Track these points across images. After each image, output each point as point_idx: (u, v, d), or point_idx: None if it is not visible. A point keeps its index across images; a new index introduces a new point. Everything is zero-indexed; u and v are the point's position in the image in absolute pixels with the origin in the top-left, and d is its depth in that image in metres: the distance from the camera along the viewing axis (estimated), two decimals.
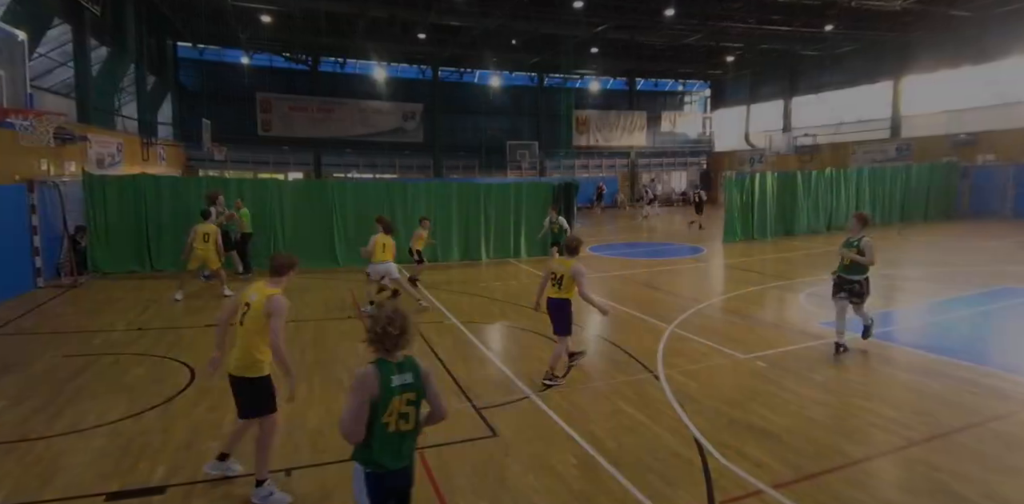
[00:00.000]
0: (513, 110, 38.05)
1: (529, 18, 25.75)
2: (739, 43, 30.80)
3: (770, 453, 5.14)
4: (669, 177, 41.88)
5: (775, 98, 36.67)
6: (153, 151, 22.69)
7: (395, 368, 3.25)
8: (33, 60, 12.96)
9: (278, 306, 4.43)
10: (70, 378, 6.98)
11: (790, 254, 17.32)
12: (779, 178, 21.32)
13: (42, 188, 12.19)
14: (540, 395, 6.53)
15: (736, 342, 8.38)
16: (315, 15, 25.37)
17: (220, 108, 30.78)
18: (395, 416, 3.18)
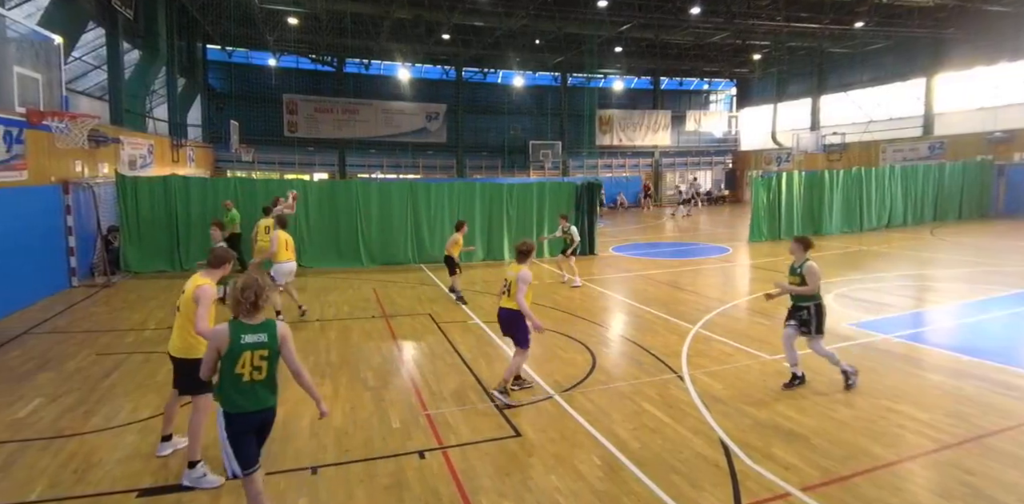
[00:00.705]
0: (536, 110, 38.00)
1: (553, 18, 25.69)
2: (766, 41, 30.38)
3: (798, 455, 5.07)
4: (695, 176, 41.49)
5: (803, 96, 36.12)
6: (183, 152, 23.10)
7: (249, 329, 3.77)
8: (68, 64, 13.27)
9: (204, 294, 4.76)
10: (103, 376, 7.14)
11: (818, 254, 16.96)
12: (806, 177, 21.01)
13: (77, 189, 12.48)
14: (564, 395, 6.52)
15: (762, 343, 8.28)
16: (341, 17, 25.60)
17: (248, 110, 31.24)
18: (248, 368, 3.75)
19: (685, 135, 41.08)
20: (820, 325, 6.69)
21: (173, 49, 22.14)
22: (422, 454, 5.18)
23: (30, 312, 10.17)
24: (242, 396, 3.76)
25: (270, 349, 3.79)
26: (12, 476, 4.77)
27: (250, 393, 3.77)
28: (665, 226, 26.45)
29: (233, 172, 30.85)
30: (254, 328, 3.78)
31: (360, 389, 6.74)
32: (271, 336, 3.80)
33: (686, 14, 24.93)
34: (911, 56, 29.45)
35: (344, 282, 13.27)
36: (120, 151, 16.26)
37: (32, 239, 10.69)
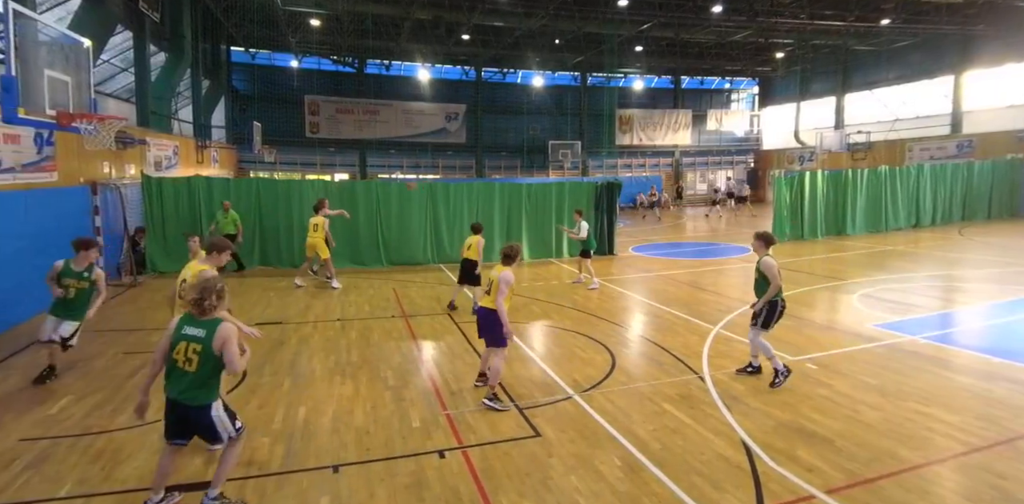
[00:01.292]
0: (555, 110, 37.91)
1: (573, 17, 25.61)
2: (789, 39, 29.97)
3: (822, 457, 5.00)
4: (715, 175, 41.12)
5: (827, 95, 35.61)
6: (207, 153, 23.43)
7: (193, 322, 4.15)
8: (97, 67, 13.53)
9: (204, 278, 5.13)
10: (129, 374, 7.26)
11: (841, 254, 16.80)
12: (830, 176, 20.73)
13: (104, 190, 12.71)
14: (583, 395, 6.50)
15: (785, 344, 8.17)
16: (362, 18, 25.80)
17: (270, 111, 31.57)
18: (182, 356, 4.10)
19: (706, 134, 40.74)
20: (767, 321, 6.78)
21: (198, 51, 22.46)
22: (442, 453, 5.19)
23: None
24: (168, 380, 4.16)
25: (203, 345, 4.08)
26: (43, 472, 4.87)
27: (176, 380, 4.12)
28: (686, 226, 26.25)
29: (256, 173, 31.20)
30: (197, 323, 4.15)
31: (380, 388, 6.78)
32: (208, 334, 4.09)
33: (708, 13, 24.72)
34: (939, 53, 28.89)
35: (364, 282, 13.36)
36: (146, 152, 16.52)
37: (62, 239, 10.82)
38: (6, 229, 9.20)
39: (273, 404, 6.27)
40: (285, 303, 11.09)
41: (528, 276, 13.97)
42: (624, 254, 17.29)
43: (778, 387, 6.52)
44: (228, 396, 6.40)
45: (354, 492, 4.59)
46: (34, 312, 9.82)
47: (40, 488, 4.63)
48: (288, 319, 9.93)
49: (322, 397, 6.49)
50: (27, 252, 9.65)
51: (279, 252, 14.73)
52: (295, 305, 11.01)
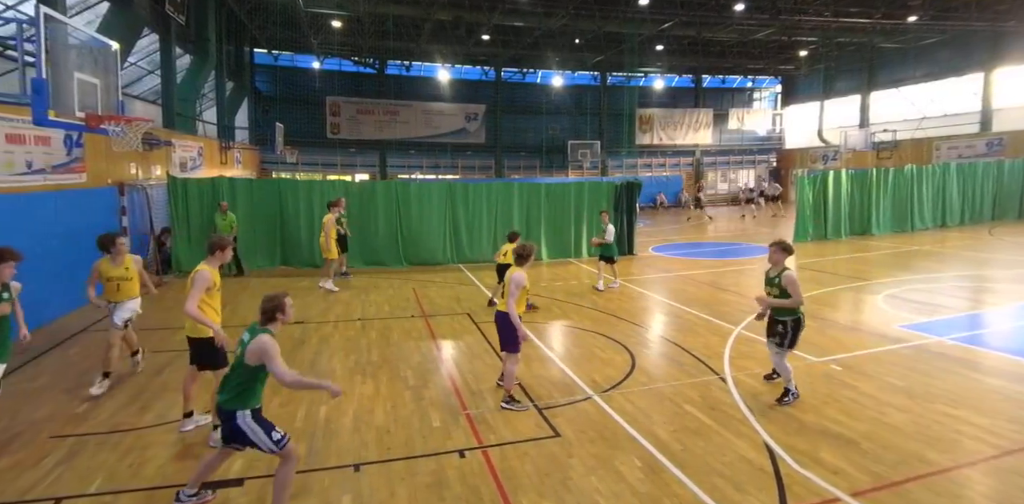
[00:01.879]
0: (575, 109, 37.83)
1: (593, 17, 25.54)
2: (813, 37, 29.59)
3: (847, 460, 4.92)
4: (736, 175, 40.72)
5: (851, 93, 35.09)
6: (230, 154, 23.76)
7: (250, 329, 4.30)
8: (124, 69, 13.77)
9: (198, 278, 5.34)
10: (156, 373, 7.37)
11: (866, 254, 16.54)
12: (854, 175, 20.42)
13: (131, 191, 12.94)
14: (603, 396, 6.47)
15: (808, 345, 8.06)
16: (383, 19, 25.97)
17: (292, 112, 31.93)
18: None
19: (727, 133, 40.38)
20: (794, 340, 6.17)
21: (222, 53, 22.78)
22: (462, 453, 5.20)
23: (89, 310, 10.54)
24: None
25: (241, 349, 4.20)
26: (74, 468, 4.96)
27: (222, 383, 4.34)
28: (707, 226, 26.03)
29: (278, 173, 31.59)
30: (251, 330, 4.28)
31: (401, 388, 6.81)
32: (248, 339, 4.19)
33: (730, 11, 24.48)
34: (968, 50, 28.31)
35: (384, 282, 13.44)
36: (171, 153, 16.78)
37: (92, 239, 11.09)
38: (37, 229, 9.39)
39: (295, 403, 6.33)
40: (306, 303, 11.19)
41: (547, 276, 13.95)
42: (644, 254, 17.19)
43: (785, 405, 6.05)
44: None
45: (375, 491, 4.62)
46: (64, 311, 10.05)
47: (71, 484, 4.72)
48: (309, 319, 10.02)
49: (343, 396, 6.53)
50: (58, 252, 9.85)
51: (300, 252, 14.86)
52: (316, 305, 11.10)
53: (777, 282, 6.10)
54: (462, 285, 12.98)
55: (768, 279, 6.26)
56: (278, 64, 32.68)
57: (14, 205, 8.79)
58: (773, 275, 6.19)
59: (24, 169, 9.24)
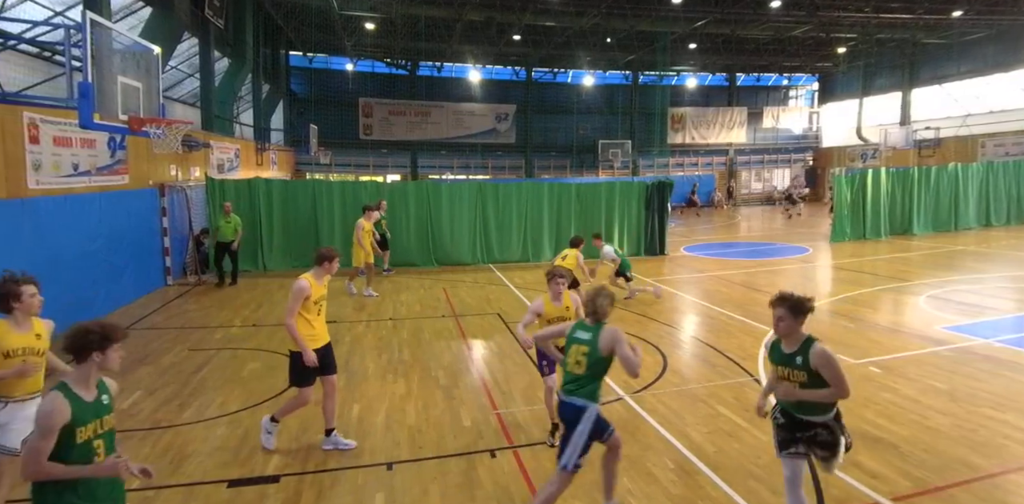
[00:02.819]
0: (606, 109, 37.58)
1: (625, 16, 25.34)
2: (852, 34, 28.81)
3: (887, 464, 4.80)
4: (771, 174, 39.99)
5: (892, 90, 34.15)
6: (266, 156, 24.19)
7: (584, 327, 4.17)
8: (165, 72, 14.12)
9: (295, 288, 5.17)
10: (195, 371, 7.52)
11: (906, 254, 16.10)
12: (895, 174, 19.90)
13: (171, 192, 13.26)
14: (634, 396, 6.42)
15: (846, 346, 7.89)
16: (415, 20, 26.19)
17: (325, 113, 32.39)
18: (572, 359, 4.11)
19: (762, 132, 39.68)
20: (848, 445, 3.79)
21: (259, 56, 23.19)
22: (493, 453, 5.21)
23: (131, 308, 10.88)
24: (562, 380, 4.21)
25: (590, 347, 4.05)
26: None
27: (565, 380, 4.14)
28: (740, 226, 25.64)
29: (312, 174, 32.08)
30: (586, 328, 4.15)
31: (432, 387, 6.85)
32: (581, 340, 4.09)
33: (766, 8, 24.07)
34: (1015, 45, 27.30)
35: (415, 281, 13.54)
36: (210, 155, 17.15)
37: (133, 240, 11.44)
38: (82, 230, 9.67)
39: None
40: (339, 302, 11.33)
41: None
42: (676, 254, 17.00)
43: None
44: (287, 392, 6.60)
45: (408, 489, 4.65)
46: (108, 310, 10.35)
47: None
48: (342, 318, 10.14)
49: (375, 395, 6.60)
50: (102, 252, 10.16)
51: None
52: (349, 304, 11.24)
53: (801, 363, 3.72)
54: (492, 285, 13.01)
55: (782, 357, 3.81)
56: (312, 66, 33.20)
57: (61, 206, 9.08)
58: (791, 352, 3.77)
59: (71, 171, 9.54)
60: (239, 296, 12.05)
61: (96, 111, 6.49)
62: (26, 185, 8.34)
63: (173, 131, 8.88)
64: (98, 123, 6.73)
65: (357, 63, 33.06)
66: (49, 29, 9.66)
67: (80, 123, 6.55)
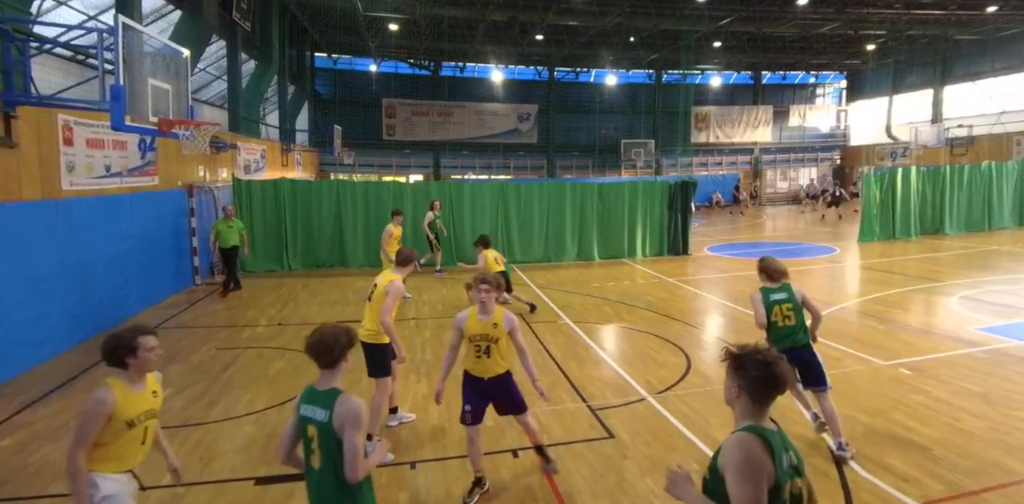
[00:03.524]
0: (629, 108, 37.41)
1: (648, 15, 25.20)
2: (882, 30, 28.29)
3: (918, 467, 4.70)
4: (797, 173, 39.40)
5: (923, 87, 33.44)
6: (291, 157, 24.49)
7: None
8: (194, 75, 14.35)
9: (394, 289, 5.39)
10: (222, 369, 7.63)
11: (938, 254, 15.76)
12: (926, 173, 19.49)
13: (199, 193, 13.46)
14: (657, 397, 6.37)
15: (875, 347, 7.74)
16: (438, 21, 26.32)
17: (349, 114, 32.72)
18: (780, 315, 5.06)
19: (788, 131, 39.16)
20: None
21: (284, 58, 23.48)
22: (515, 453, 5.21)
23: (161, 308, 11.07)
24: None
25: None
26: (149, 460, 5.14)
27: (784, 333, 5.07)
28: (765, 225, 25.31)
29: (336, 175, 32.40)
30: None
31: (454, 387, 6.83)
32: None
33: (793, 5, 23.73)
34: None
35: (439, 281, 13.60)
36: (236, 156, 17.40)
37: (163, 240, 11.65)
38: (114, 230, 9.87)
39: None
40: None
41: (600, 276, 13.83)
42: (699, 254, 16.85)
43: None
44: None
45: (431, 488, 4.67)
46: (139, 309, 10.55)
47: (146, 476, 4.85)
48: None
49: (398, 395, 6.61)
50: (132, 252, 10.36)
51: (356, 252, 15.15)
52: None
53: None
54: (514, 285, 12.96)
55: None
56: (337, 67, 33.55)
57: (94, 207, 9.28)
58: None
59: (103, 172, 9.75)
60: (265, 296, 12.19)
61: (127, 113, 6.62)
62: (60, 186, 8.55)
63: (201, 133, 9.01)
64: (129, 125, 6.87)
65: (381, 64, 33.34)
66: (83, 33, 9.89)
67: (112, 125, 6.68)
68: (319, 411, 2.80)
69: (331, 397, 2.83)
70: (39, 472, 4.95)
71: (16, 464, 5.08)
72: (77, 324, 8.52)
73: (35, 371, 7.44)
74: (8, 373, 7.16)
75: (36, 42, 8.68)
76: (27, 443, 5.49)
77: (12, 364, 7.25)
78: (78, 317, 8.56)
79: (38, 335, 7.69)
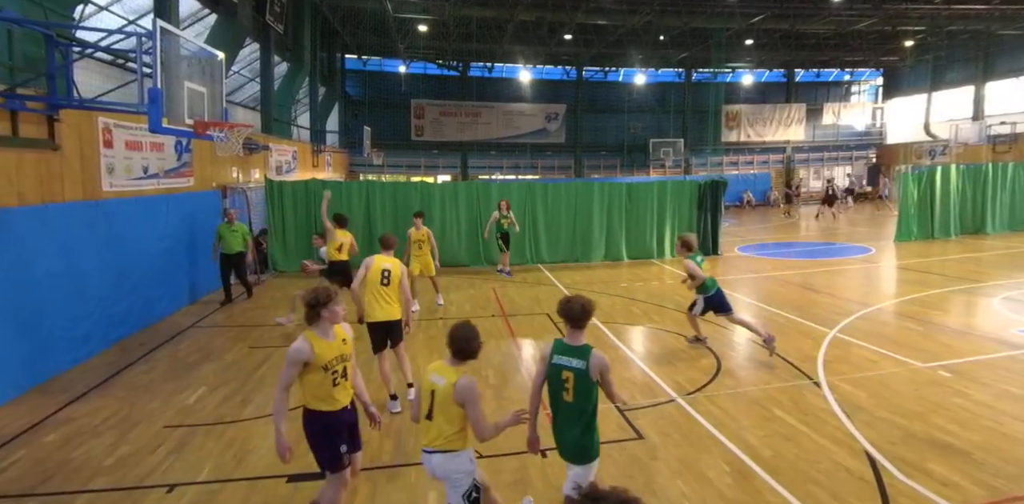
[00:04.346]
0: (658, 107, 37.06)
1: (679, 13, 24.93)
2: (921, 26, 27.51)
3: (959, 471, 4.57)
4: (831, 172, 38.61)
5: (963, 84, 32.46)
6: (321, 158, 24.82)
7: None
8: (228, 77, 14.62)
9: (405, 269, 6.33)
10: (255, 368, 7.74)
11: (979, 254, 15.30)
12: (966, 171, 18.95)
13: (233, 194, 13.72)
14: (687, 398, 6.30)
15: (913, 349, 7.55)
16: (467, 22, 26.42)
17: (378, 115, 33.03)
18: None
19: (821, 129, 38.40)
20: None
21: (316, 60, 23.81)
22: (544, 453, 5.19)
23: (195, 307, 11.29)
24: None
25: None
26: (184, 458, 5.29)
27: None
28: (800, 225, 24.86)
29: (365, 175, 32.75)
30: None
31: (482, 386, 6.80)
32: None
33: (827, 2, 23.24)
34: None
35: (466, 281, 13.63)
36: (268, 157, 17.68)
37: (199, 240, 11.87)
38: (151, 230, 10.10)
39: (382, 399, 6.51)
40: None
41: (628, 277, 13.74)
42: (729, 254, 16.62)
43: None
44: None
45: None
46: (174, 308, 10.78)
47: (183, 472, 5.02)
48: None
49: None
50: (168, 251, 10.59)
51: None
52: None
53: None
54: (541, 285, 12.98)
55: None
56: (366, 69, 33.90)
57: (133, 207, 9.52)
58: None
59: (141, 174, 10.00)
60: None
61: (164, 116, 6.77)
62: (100, 187, 8.79)
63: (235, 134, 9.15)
64: (166, 127, 7.02)
65: (410, 65, 33.58)
66: (122, 37, 10.15)
67: (150, 127, 6.83)
68: (575, 360, 3.66)
69: (586, 351, 3.66)
70: (81, 467, 5.09)
71: (59, 459, 5.23)
72: (115, 323, 8.75)
73: (77, 369, 7.65)
74: (52, 370, 7.38)
75: (78, 47, 8.94)
76: (70, 438, 5.65)
77: (56, 361, 7.47)
78: (116, 316, 8.78)
79: (80, 333, 7.91)
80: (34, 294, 7.08)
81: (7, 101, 6.76)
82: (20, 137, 7.04)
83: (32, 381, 7.00)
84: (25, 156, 7.18)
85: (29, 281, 7.00)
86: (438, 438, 3.66)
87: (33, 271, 7.07)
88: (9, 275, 6.68)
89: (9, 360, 6.67)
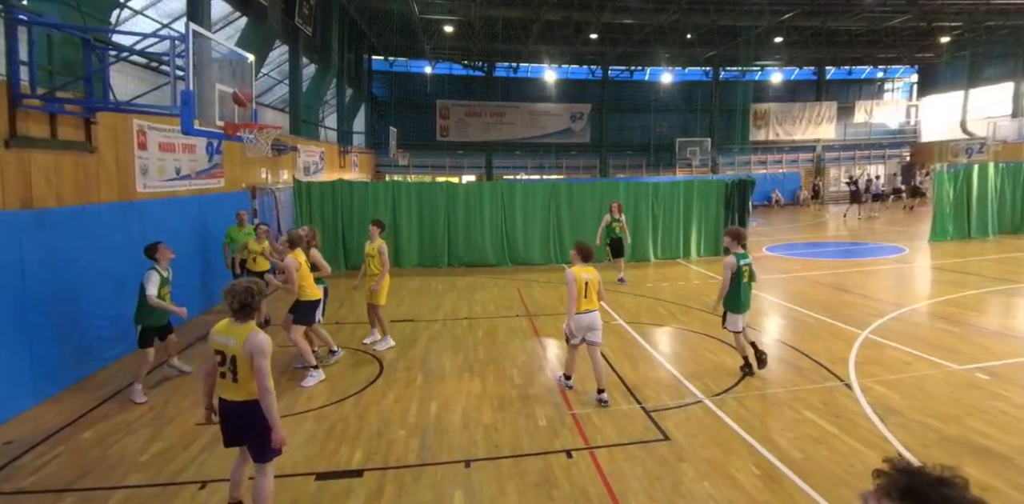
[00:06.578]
0: (684, 106, 36.70)
1: (707, 11, 24.66)
2: (958, 22, 26.81)
3: (998, 476, 4.45)
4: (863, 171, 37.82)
5: (1002, 80, 31.54)
6: (348, 158, 25.08)
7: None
8: (258, 79, 14.85)
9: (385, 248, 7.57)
10: (283, 367, 7.83)
11: (1019, 254, 14.87)
12: (1005, 169, 18.44)
13: (262, 195, 13.93)
14: (714, 400, 6.23)
15: (949, 351, 7.37)
16: (492, 22, 26.47)
17: (404, 116, 33.27)
18: None
19: (853, 127, 37.65)
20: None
21: (343, 62, 24.06)
22: (569, 453, 5.18)
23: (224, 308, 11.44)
24: None
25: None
26: (216, 454, 5.34)
27: None
28: (828, 224, 24.41)
29: (390, 176, 33.01)
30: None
31: (507, 386, 6.88)
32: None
33: None
34: None
35: (490, 281, 13.65)
36: (296, 159, 17.92)
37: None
38: (183, 231, 10.29)
39: (407, 398, 6.55)
40: (416, 301, 11.55)
41: (654, 276, 13.64)
42: (758, 254, 16.38)
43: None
44: (368, 389, 6.79)
45: (485, 487, 4.69)
46: (205, 307, 10.97)
47: (214, 469, 5.10)
48: (419, 317, 10.34)
49: (452, 393, 6.69)
50: (201, 251, 10.79)
51: (410, 252, 15.34)
52: (426, 304, 11.43)
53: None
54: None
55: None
56: (393, 70, 34.17)
57: (166, 208, 9.72)
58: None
59: (173, 175, 10.20)
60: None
61: (196, 118, 6.90)
62: (135, 188, 8.99)
63: (264, 136, 9.28)
64: (198, 129, 7.14)
65: (435, 66, 33.76)
66: (156, 41, 10.36)
67: (182, 129, 6.97)
68: (744, 259, 6.73)
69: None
70: (117, 463, 5.20)
71: (95, 456, 5.35)
72: None
73: (113, 367, 7.82)
74: (90, 368, 7.56)
75: (114, 50, 9.15)
76: (106, 435, 5.78)
77: (94, 359, 7.66)
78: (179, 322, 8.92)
79: (116, 332, 8.08)
80: (72, 293, 7.26)
81: (46, 104, 6.95)
82: (58, 139, 7.23)
83: (70, 379, 7.18)
84: (63, 158, 7.37)
85: (68, 281, 7.17)
86: None
87: (72, 271, 7.25)
88: (49, 275, 6.85)
89: (49, 358, 6.84)
